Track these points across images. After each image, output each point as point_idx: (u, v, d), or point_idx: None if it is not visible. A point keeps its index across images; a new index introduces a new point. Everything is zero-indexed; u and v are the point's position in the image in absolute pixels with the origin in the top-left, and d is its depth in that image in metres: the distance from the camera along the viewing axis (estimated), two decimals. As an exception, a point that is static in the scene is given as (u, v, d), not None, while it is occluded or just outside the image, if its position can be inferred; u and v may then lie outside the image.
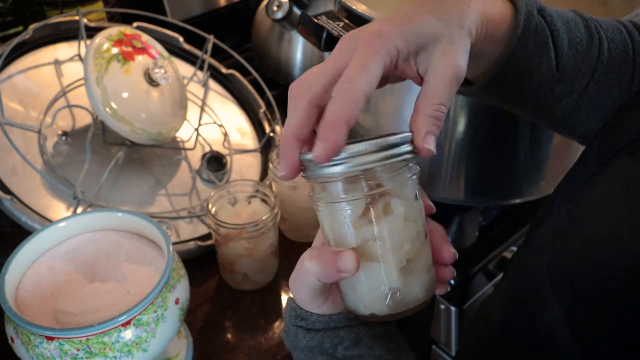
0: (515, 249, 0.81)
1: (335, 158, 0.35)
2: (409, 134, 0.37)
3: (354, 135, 0.79)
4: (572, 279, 0.32)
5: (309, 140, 0.38)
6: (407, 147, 0.36)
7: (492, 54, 0.44)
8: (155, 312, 0.49)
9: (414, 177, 0.38)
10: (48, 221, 0.65)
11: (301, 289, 0.40)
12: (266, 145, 0.85)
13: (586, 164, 0.42)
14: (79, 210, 0.67)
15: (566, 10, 0.49)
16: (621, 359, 0.30)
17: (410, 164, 0.37)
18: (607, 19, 0.50)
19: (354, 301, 0.39)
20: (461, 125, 0.69)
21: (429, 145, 0.37)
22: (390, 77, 0.42)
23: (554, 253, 0.35)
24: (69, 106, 0.75)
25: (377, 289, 0.37)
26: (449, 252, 0.41)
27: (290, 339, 0.43)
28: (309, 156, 0.36)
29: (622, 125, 0.41)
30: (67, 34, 0.79)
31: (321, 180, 0.37)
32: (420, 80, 0.40)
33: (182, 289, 0.53)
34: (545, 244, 0.36)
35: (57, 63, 0.77)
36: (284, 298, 0.70)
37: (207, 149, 0.80)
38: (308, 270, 0.38)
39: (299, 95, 0.38)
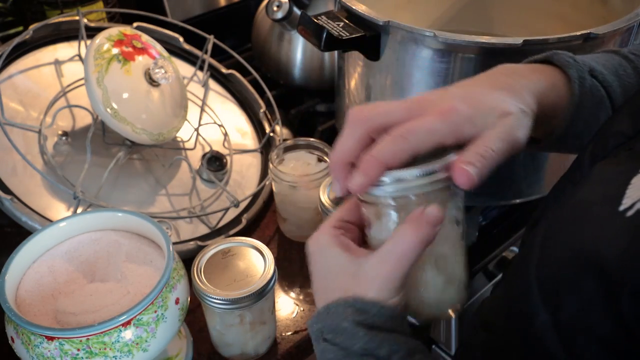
0: (515, 249, 0.81)
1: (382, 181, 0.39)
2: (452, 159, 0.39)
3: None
4: (557, 286, 0.32)
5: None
6: (443, 175, 0.39)
7: (553, 120, 0.46)
8: (155, 312, 0.49)
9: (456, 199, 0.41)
10: (48, 221, 0.65)
11: (390, 271, 0.39)
12: (266, 145, 0.85)
13: (579, 167, 0.43)
14: (79, 210, 0.67)
15: (612, 55, 0.50)
16: None
17: (452, 189, 0.40)
18: None
19: (424, 299, 0.42)
20: (461, 125, 0.68)
21: (467, 167, 0.38)
22: None
23: (541, 258, 0.35)
24: (69, 106, 0.75)
25: (452, 281, 0.42)
26: None
27: (345, 341, 0.39)
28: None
29: (612, 128, 0.41)
30: (67, 34, 0.79)
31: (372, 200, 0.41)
32: None
33: (182, 289, 0.53)
34: (535, 248, 0.36)
35: (58, 63, 0.77)
36: (282, 299, 0.70)
37: (207, 149, 0.80)
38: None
39: (358, 122, 0.40)
